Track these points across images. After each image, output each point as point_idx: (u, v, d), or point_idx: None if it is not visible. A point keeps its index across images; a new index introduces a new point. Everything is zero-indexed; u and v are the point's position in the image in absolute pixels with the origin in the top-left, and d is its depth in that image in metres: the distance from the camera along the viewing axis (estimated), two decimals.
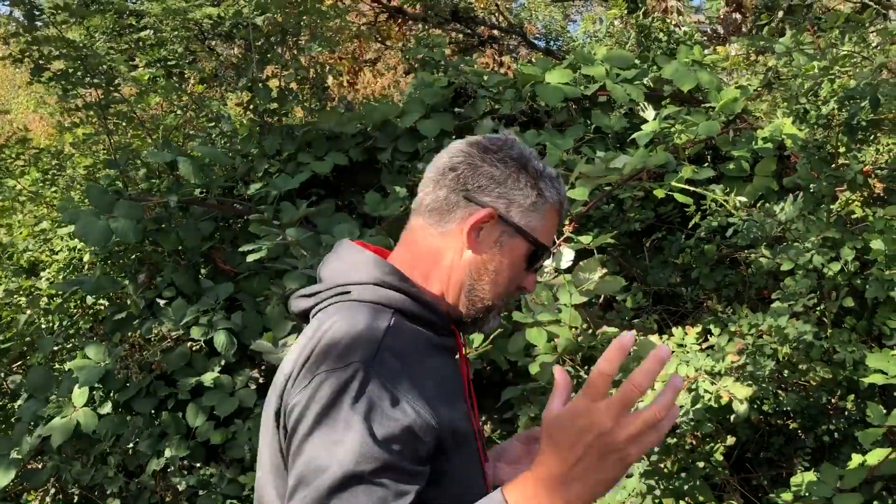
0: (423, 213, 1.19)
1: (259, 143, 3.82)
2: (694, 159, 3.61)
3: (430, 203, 1.18)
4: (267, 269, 3.52)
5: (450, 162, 1.18)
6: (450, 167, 1.17)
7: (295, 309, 1.19)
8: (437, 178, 1.18)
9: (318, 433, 0.96)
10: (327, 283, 1.16)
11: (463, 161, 1.17)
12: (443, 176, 1.17)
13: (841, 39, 2.89)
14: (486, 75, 4.19)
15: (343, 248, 1.22)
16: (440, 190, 1.17)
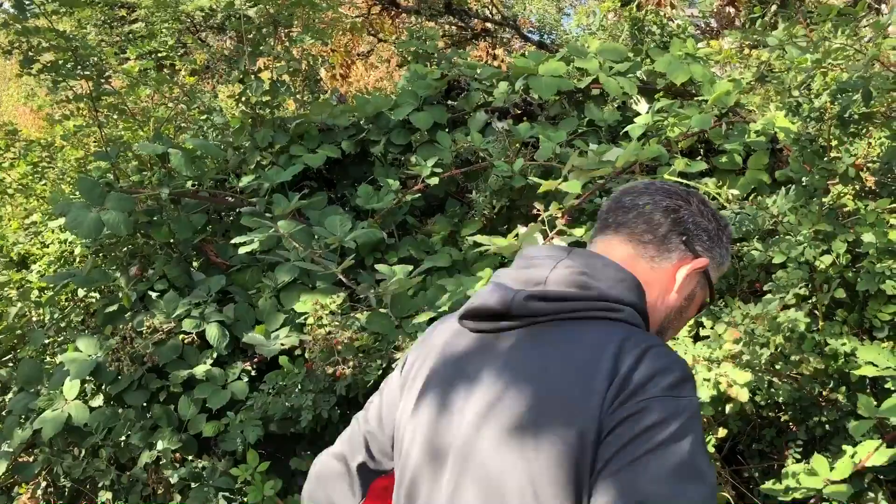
0: (635, 242, 1.24)
1: (251, 135, 3.81)
2: (687, 153, 3.61)
3: (646, 238, 1.23)
4: (259, 262, 3.52)
5: (672, 203, 1.25)
6: (672, 208, 1.25)
7: (526, 310, 1.13)
8: (655, 215, 1.24)
9: (655, 461, 0.96)
10: (584, 292, 1.13)
11: (685, 207, 1.26)
12: (664, 215, 1.24)
13: (833, 32, 2.89)
14: (479, 68, 4.18)
15: (596, 260, 1.19)
16: (660, 228, 1.23)
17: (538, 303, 1.13)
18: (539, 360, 1.09)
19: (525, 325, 1.14)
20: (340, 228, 2.97)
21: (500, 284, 1.17)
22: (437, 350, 1.24)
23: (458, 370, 1.17)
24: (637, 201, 1.26)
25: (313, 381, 2.92)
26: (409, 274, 2.84)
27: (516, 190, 3.54)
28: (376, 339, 2.88)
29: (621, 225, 1.25)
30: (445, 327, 1.28)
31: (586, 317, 1.12)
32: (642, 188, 1.29)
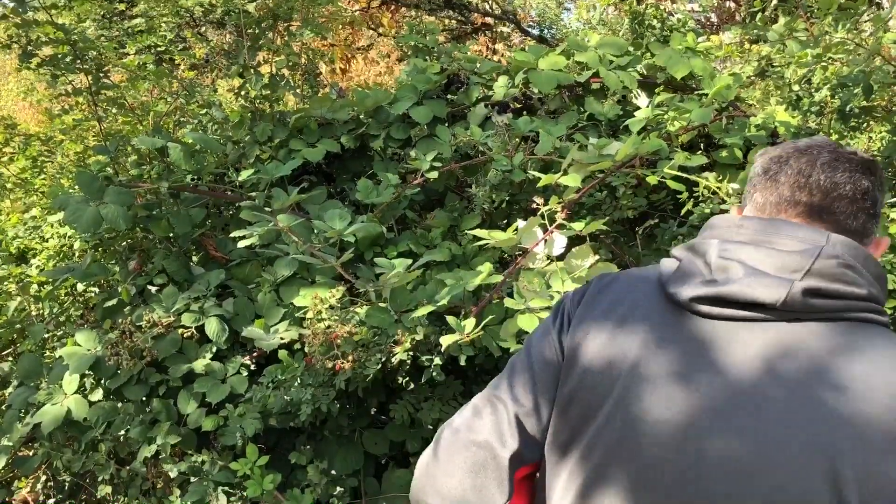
0: (840, 229, 1.08)
1: (250, 129, 3.80)
2: (687, 147, 3.60)
3: (850, 224, 1.08)
4: (259, 256, 3.52)
5: (868, 183, 1.10)
6: (869, 190, 1.09)
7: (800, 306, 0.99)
8: (857, 198, 1.09)
9: None
10: (852, 289, 0.99)
11: (876, 183, 1.11)
12: (864, 198, 1.09)
13: (834, 27, 2.88)
14: (478, 62, 4.17)
15: (857, 251, 1.03)
16: (861, 215, 1.09)
17: (816, 299, 0.99)
18: (836, 370, 0.95)
19: (783, 319, 1.00)
20: (340, 222, 2.97)
21: (753, 269, 1.01)
22: (642, 324, 1.08)
23: (699, 360, 1.02)
24: (835, 178, 1.09)
25: (312, 376, 2.91)
26: (408, 268, 2.83)
27: (516, 184, 3.54)
28: (375, 334, 2.88)
29: (823, 210, 1.09)
30: (627, 293, 1.13)
31: (856, 318, 1.00)
32: (829, 158, 1.11)
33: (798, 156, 1.13)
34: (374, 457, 3.35)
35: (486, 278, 2.87)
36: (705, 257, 1.06)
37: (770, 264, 1.01)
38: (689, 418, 0.98)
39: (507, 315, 2.90)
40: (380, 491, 3.28)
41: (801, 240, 1.03)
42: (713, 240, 1.08)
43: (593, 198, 3.66)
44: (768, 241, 1.04)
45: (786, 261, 1.01)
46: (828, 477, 0.88)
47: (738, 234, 1.07)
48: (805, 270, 0.99)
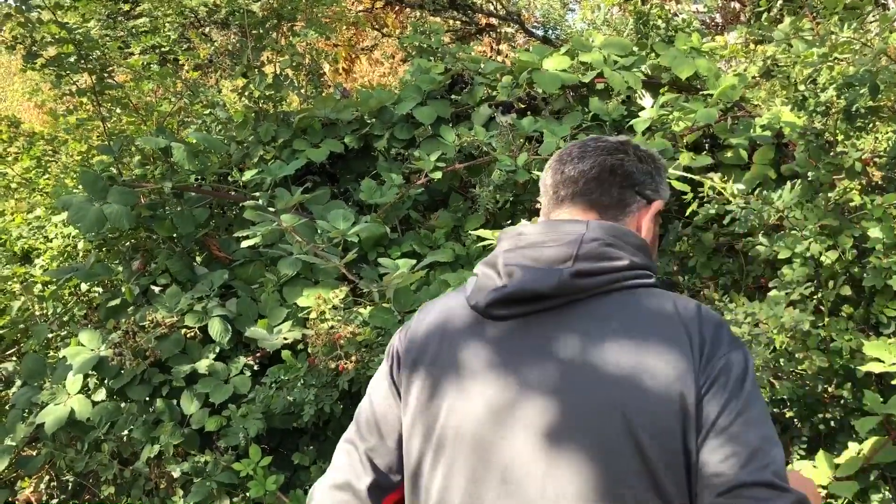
0: (598, 208, 1.27)
1: (254, 129, 3.80)
2: (692, 147, 3.59)
3: (605, 201, 1.27)
4: (262, 257, 3.51)
5: (614, 160, 1.28)
6: (616, 165, 1.28)
7: (572, 288, 1.13)
8: (603, 176, 1.27)
9: (753, 407, 1.05)
10: (616, 263, 1.14)
11: (626, 158, 1.30)
12: (612, 174, 1.27)
13: (840, 26, 2.87)
14: (482, 62, 4.16)
15: (615, 229, 1.19)
16: (613, 188, 1.27)
17: (583, 279, 1.13)
18: (611, 335, 1.10)
19: (563, 303, 1.14)
20: (343, 223, 2.96)
21: (524, 266, 1.14)
22: (454, 342, 1.20)
23: (502, 356, 1.15)
24: (581, 167, 1.27)
25: (315, 376, 2.91)
26: (411, 268, 2.82)
27: (520, 184, 3.53)
28: (378, 334, 2.87)
29: (577, 195, 1.26)
30: (441, 319, 1.24)
31: (625, 287, 1.14)
32: (578, 153, 1.30)
33: (557, 159, 1.32)
34: None
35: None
36: (495, 266, 1.19)
37: (544, 261, 1.15)
38: (501, 403, 1.12)
39: None
40: None
41: (566, 233, 1.17)
42: (499, 251, 1.21)
43: None
44: (542, 241, 1.17)
45: (556, 254, 1.15)
46: (623, 428, 1.04)
47: (520, 241, 1.20)
48: (573, 258, 1.14)
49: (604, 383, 1.07)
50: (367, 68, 8.14)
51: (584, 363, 1.09)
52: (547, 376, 1.11)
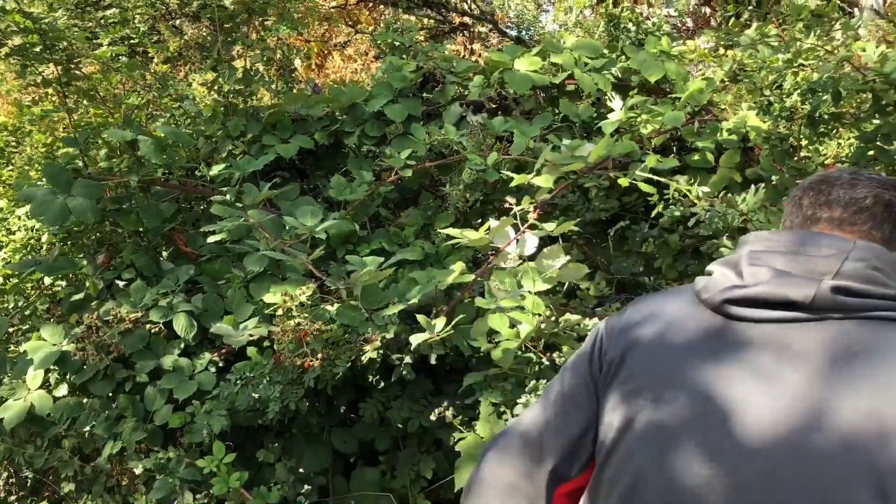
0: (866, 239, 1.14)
1: (223, 124, 3.76)
2: (660, 150, 3.62)
3: (877, 235, 1.15)
4: (229, 252, 3.48)
5: (893, 198, 1.17)
6: (888, 203, 1.16)
7: (831, 304, 1.01)
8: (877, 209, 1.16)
9: None
10: (882, 289, 1.02)
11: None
12: (885, 210, 1.16)
13: (806, 33, 2.92)
14: (455, 61, 4.17)
15: (885, 254, 1.08)
16: (886, 224, 1.16)
17: (844, 297, 1.01)
18: (869, 363, 0.97)
19: (819, 319, 1.02)
20: (311, 219, 2.95)
21: (782, 272, 1.05)
22: (682, 339, 1.10)
23: (738, 362, 1.04)
24: (854, 194, 1.15)
25: (281, 373, 2.89)
26: (379, 266, 2.82)
27: (490, 184, 3.54)
28: (346, 332, 2.86)
29: (842, 222, 1.15)
30: (669, 314, 1.15)
31: (886, 318, 1.01)
32: (850, 178, 1.18)
33: (820, 181, 1.20)
34: (342, 455, 3.34)
35: (459, 277, 2.87)
36: (737, 267, 1.11)
37: (799, 269, 1.05)
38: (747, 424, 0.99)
39: (479, 315, 2.90)
40: (348, 490, 3.27)
41: (828, 245, 1.07)
42: (743, 250, 1.12)
43: (566, 199, 3.68)
44: (797, 250, 1.08)
45: (815, 265, 1.05)
46: (872, 483, 0.90)
47: (768, 245, 1.11)
48: (834, 272, 1.03)
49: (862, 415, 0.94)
50: (339, 64, 8.10)
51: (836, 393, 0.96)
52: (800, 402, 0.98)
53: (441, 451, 3.30)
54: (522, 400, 2.73)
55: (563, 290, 3.44)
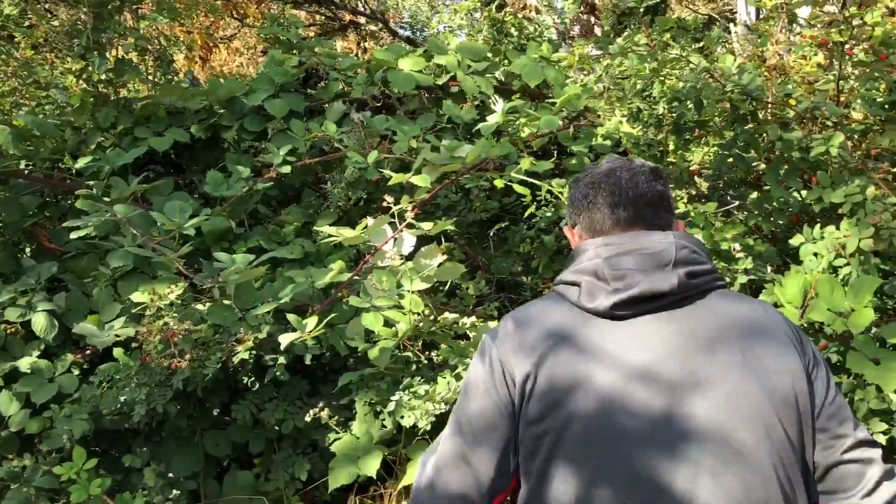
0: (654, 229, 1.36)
1: (92, 114, 3.59)
2: (541, 153, 3.71)
3: (660, 223, 1.37)
4: (97, 249, 3.33)
5: (663, 188, 1.40)
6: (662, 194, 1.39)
7: (687, 288, 1.25)
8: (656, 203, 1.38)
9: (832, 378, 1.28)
10: (706, 267, 1.29)
11: (667, 188, 1.43)
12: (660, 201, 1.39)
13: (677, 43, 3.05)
14: (339, 58, 4.13)
15: (694, 239, 1.34)
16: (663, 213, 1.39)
17: (694, 279, 1.26)
18: (737, 326, 1.25)
19: (677, 301, 1.25)
20: (180, 214, 2.85)
21: (643, 270, 1.25)
22: (584, 344, 1.25)
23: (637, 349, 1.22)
24: (638, 192, 1.36)
25: (148, 375, 2.78)
26: (250, 263, 2.76)
27: (373, 182, 3.53)
28: (217, 332, 2.79)
29: (637, 218, 1.35)
30: (561, 326, 1.29)
31: (715, 287, 1.29)
32: (629, 177, 1.37)
33: (606, 179, 1.38)
34: (215, 458, 3.24)
35: (336, 276, 2.84)
36: (597, 274, 1.28)
37: (649, 264, 1.26)
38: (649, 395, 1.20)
39: (357, 314, 2.88)
40: (220, 493, 3.18)
41: (657, 241, 1.29)
42: (596, 259, 1.30)
43: (448, 199, 3.71)
44: (637, 248, 1.28)
45: (659, 259, 1.27)
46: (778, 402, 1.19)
47: (612, 249, 1.30)
48: (673, 261, 1.26)
49: (752, 368, 1.20)
50: (225, 58, 7.88)
51: (722, 351, 1.21)
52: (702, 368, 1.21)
53: (317, 452, 3.26)
54: (396, 397, 2.73)
55: (444, 290, 3.47)
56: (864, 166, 2.65)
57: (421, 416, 2.68)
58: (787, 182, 2.90)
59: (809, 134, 2.86)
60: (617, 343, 1.24)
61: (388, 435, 3.01)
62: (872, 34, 2.79)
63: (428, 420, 2.67)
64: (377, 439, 3.01)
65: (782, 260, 3.06)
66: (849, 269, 2.51)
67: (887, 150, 2.94)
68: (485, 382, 1.32)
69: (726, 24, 9.62)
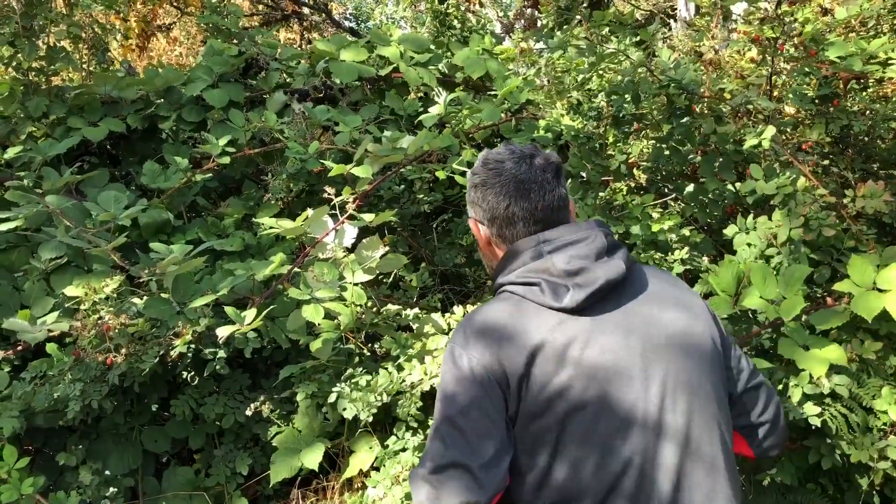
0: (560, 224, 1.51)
1: (22, 103, 3.48)
2: (484, 146, 3.73)
3: (563, 218, 1.51)
4: (28, 242, 3.22)
5: (564, 190, 1.53)
6: (563, 196, 1.52)
7: (628, 269, 1.42)
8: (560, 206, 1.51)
9: None
10: (622, 247, 1.47)
11: (564, 185, 1.56)
12: (560, 202, 1.51)
13: (615, 37, 3.09)
14: (280, 48, 4.08)
15: (603, 225, 1.50)
16: (564, 211, 1.51)
17: (628, 262, 1.43)
18: (670, 291, 1.49)
19: (626, 279, 1.41)
20: (115, 205, 2.79)
21: (595, 263, 1.38)
22: (565, 340, 1.34)
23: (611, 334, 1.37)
24: (546, 203, 1.46)
25: (83, 370, 2.72)
26: (187, 254, 2.70)
27: (315, 174, 3.50)
28: (154, 325, 2.73)
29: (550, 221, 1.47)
30: (535, 329, 1.36)
31: (634, 262, 1.49)
32: (542, 178, 1.48)
33: (517, 193, 1.46)
34: (153, 455, 3.19)
35: (277, 269, 2.81)
36: (550, 272, 1.38)
37: (593, 254, 1.40)
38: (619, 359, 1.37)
39: (298, 306, 2.86)
40: (160, 490, 3.12)
41: (584, 231, 1.43)
42: (542, 259, 1.40)
43: (391, 191, 3.70)
44: (575, 240, 1.41)
45: (595, 247, 1.41)
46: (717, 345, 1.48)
47: (549, 247, 1.42)
48: (606, 249, 1.41)
49: (697, 321, 1.45)
50: (164, 47, 7.70)
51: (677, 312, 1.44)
52: (663, 326, 1.41)
53: (259, 446, 3.23)
54: (337, 389, 2.72)
55: (387, 282, 3.46)
56: (794, 159, 2.73)
57: (362, 407, 2.67)
58: (722, 174, 2.98)
59: (743, 127, 2.93)
60: (592, 334, 1.36)
61: (331, 427, 3.00)
62: (803, 31, 2.88)
63: (369, 412, 2.67)
64: (319, 432, 2.99)
65: (717, 250, 3.14)
66: (780, 258, 2.59)
67: (817, 143, 3.03)
68: (470, 390, 1.35)
69: (665, 20, 9.79)
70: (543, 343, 1.34)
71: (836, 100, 2.99)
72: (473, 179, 1.52)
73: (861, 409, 2.38)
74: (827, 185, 2.86)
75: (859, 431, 2.38)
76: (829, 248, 2.64)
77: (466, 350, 1.37)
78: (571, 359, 1.33)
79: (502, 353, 1.35)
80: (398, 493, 2.69)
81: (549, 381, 1.32)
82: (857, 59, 2.80)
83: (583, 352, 1.34)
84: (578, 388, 1.32)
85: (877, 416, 2.40)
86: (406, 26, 5.85)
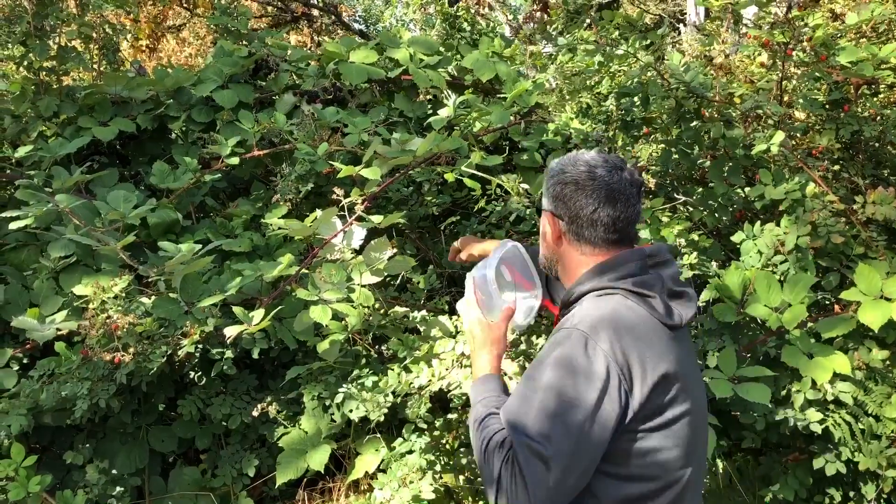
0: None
1: (33, 103, 3.49)
2: (494, 148, 3.72)
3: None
4: (38, 241, 3.24)
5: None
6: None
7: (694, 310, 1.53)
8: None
9: None
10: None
11: None
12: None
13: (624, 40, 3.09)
14: (289, 49, 4.09)
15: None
16: None
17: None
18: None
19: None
20: (125, 204, 2.79)
21: (680, 288, 1.52)
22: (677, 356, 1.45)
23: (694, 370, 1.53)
24: (636, 208, 1.55)
25: (91, 369, 2.72)
26: (195, 253, 2.71)
27: (323, 175, 3.50)
28: (162, 325, 2.74)
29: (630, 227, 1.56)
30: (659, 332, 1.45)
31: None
32: (636, 192, 1.56)
33: (608, 200, 1.50)
34: (160, 454, 3.19)
35: (285, 269, 2.81)
36: (657, 289, 1.47)
37: (676, 279, 1.54)
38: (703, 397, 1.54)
39: (306, 307, 2.86)
40: (166, 490, 3.13)
41: (666, 253, 1.55)
42: (650, 275, 1.49)
43: (400, 193, 3.70)
44: (662, 261, 1.53)
45: (676, 273, 1.55)
46: None
47: (658, 259, 1.53)
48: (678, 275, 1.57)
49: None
50: (174, 47, 7.73)
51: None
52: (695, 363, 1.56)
53: (265, 447, 3.24)
54: (343, 390, 2.72)
55: (395, 284, 3.46)
56: (804, 164, 2.72)
57: (373, 408, 2.67)
58: (731, 179, 2.97)
59: (752, 132, 2.92)
60: (681, 350, 1.47)
61: (337, 429, 3.00)
62: (814, 36, 2.87)
63: (380, 412, 2.67)
64: (325, 433, 3.00)
65: (726, 255, 3.13)
66: (786, 266, 2.57)
67: (827, 149, 3.02)
68: (601, 389, 1.36)
69: (675, 24, 9.76)
70: (664, 352, 1.42)
71: (847, 105, 2.98)
72: (564, 177, 1.53)
73: (867, 416, 2.37)
74: (837, 191, 2.85)
75: (864, 439, 2.36)
76: (838, 255, 2.63)
77: (606, 348, 1.38)
78: (680, 373, 1.43)
79: (632, 354, 1.38)
80: (405, 496, 2.68)
81: (667, 388, 1.41)
82: (868, 65, 2.79)
83: (682, 367, 1.44)
84: (682, 402, 1.43)
85: (884, 424, 2.39)
86: (416, 29, 5.85)
